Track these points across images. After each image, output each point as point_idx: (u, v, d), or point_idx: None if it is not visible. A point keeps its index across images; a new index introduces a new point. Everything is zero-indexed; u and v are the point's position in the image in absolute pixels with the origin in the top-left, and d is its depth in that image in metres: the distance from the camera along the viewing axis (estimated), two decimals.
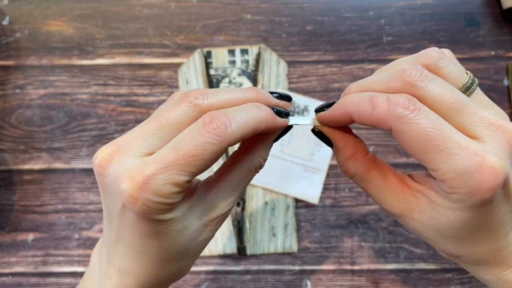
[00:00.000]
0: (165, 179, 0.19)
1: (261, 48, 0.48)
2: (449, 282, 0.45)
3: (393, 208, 0.23)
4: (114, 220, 0.22)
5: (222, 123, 0.20)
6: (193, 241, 0.23)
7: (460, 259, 0.23)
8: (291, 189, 0.46)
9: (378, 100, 0.20)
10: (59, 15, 0.50)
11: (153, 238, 0.21)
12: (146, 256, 0.22)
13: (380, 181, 0.23)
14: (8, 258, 0.46)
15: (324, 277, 0.45)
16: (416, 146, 0.19)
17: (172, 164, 0.19)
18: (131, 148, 0.20)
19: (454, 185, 0.19)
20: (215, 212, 0.23)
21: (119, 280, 0.23)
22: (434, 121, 0.19)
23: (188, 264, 0.25)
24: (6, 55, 0.49)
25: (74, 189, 0.47)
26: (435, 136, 0.18)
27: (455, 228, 0.21)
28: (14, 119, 0.48)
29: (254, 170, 0.24)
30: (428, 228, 0.22)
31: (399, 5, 0.49)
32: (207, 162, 0.20)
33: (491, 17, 0.49)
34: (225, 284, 0.45)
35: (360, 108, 0.21)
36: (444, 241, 0.22)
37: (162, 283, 0.24)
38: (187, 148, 0.19)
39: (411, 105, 0.19)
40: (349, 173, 0.24)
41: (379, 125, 0.20)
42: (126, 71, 0.49)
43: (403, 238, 0.46)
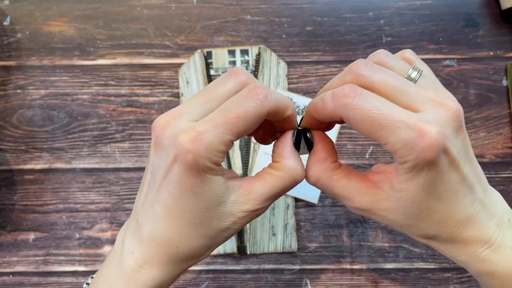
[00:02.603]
0: (214, 135, 0.22)
1: (261, 48, 0.48)
2: (448, 281, 0.45)
3: (360, 204, 0.24)
4: (157, 181, 0.24)
5: (263, 91, 0.23)
6: (219, 221, 0.24)
7: (436, 239, 0.24)
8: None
9: (326, 97, 0.23)
10: (60, 16, 0.50)
11: (191, 198, 0.23)
12: (176, 219, 0.24)
13: (345, 181, 0.25)
14: (9, 258, 0.46)
15: (323, 276, 0.46)
16: (365, 128, 0.21)
17: (220, 124, 0.22)
18: (185, 114, 0.23)
19: (403, 154, 0.21)
20: (246, 206, 0.25)
21: (140, 253, 0.25)
22: (374, 103, 0.21)
23: (206, 247, 0.25)
24: (7, 55, 0.49)
25: (75, 189, 0.47)
26: (377, 116, 0.21)
27: (418, 200, 0.22)
28: (15, 119, 0.48)
29: (290, 175, 0.26)
30: (398, 212, 0.23)
31: (398, 6, 0.50)
32: (249, 124, 0.23)
33: (490, 17, 0.49)
34: (225, 283, 0.46)
35: (316, 108, 0.24)
36: (415, 221, 0.23)
37: (180, 259, 0.25)
38: (233, 110, 0.22)
39: (352, 92, 0.21)
40: (314, 178, 0.26)
41: (333, 118, 0.23)
42: (126, 72, 0.49)
43: (402, 238, 0.46)
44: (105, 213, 0.47)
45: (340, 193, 0.25)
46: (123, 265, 0.25)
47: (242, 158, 0.46)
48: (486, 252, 0.24)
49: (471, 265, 0.24)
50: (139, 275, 0.25)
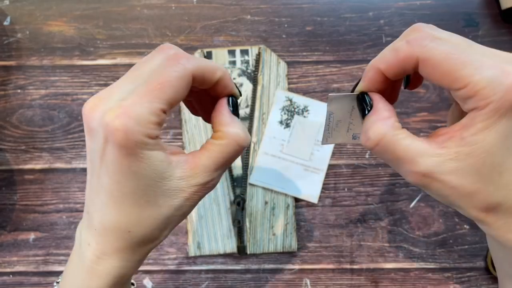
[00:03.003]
0: (142, 106, 0.21)
1: (261, 48, 0.48)
2: (448, 281, 0.45)
3: (425, 166, 0.22)
4: (96, 166, 0.23)
5: (183, 55, 0.23)
6: (167, 198, 0.24)
7: (496, 211, 0.22)
8: (290, 189, 0.46)
9: (398, 44, 0.23)
10: (60, 16, 0.50)
11: (130, 177, 0.22)
12: (121, 203, 0.23)
13: (409, 140, 0.23)
14: (9, 258, 0.46)
15: (323, 276, 0.46)
16: (444, 68, 0.21)
17: (145, 94, 0.22)
18: (114, 94, 0.22)
19: (486, 93, 0.20)
20: (195, 180, 0.24)
21: (96, 244, 0.24)
22: (454, 46, 0.21)
23: (160, 227, 0.24)
24: (7, 55, 0.49)
25: (75, 189, 0.47)
26: (459, 54, 0.20)
27: (493, 153, 0.21)
28: (15, 119, 0.48)
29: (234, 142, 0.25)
30: (466, 174, 0.21)
31: (398, 6, 0.50)
32: (175, 89, 0.22)
33: (490, 17, 0.49)
34: (225, 283, 0.46)
35: (385, 58, 0.23)
36: (483, 183, 0.21)
37: (135, 244, 0.24)
38: (157, 78, 0.22)
39: (429, 35, 0.21)
40: (377, 136, 0.23)
41: (406, 65, 0.22)
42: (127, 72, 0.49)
43: (402, 238, 0.46)
44: None
45: (403, 154, 0.23)
46: (83, 258, 0.25)
47: (242, 158, 0.46)
48: None
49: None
50: (98, 266, 0.24)
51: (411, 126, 0.47)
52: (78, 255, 0.25)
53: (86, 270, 0.25)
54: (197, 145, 0.47)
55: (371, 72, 0.24)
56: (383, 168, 0.47)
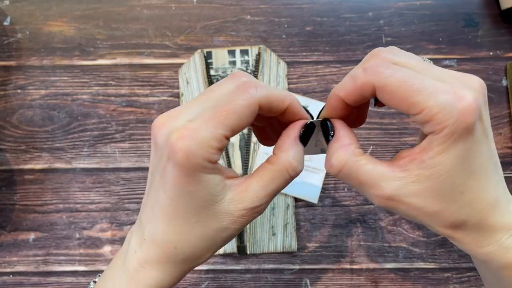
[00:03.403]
0: (206, 131, 0.22)
1: (261, 48, 0.48)
2: (448, 281, 0.45)
3: (388, 190, 0.23)
4: (156, 181, 0.24)
5: (252, 84, 0.23)
6: (216, 221, 0.24)
7: (463, 227, 0.23)
8: (290, 189, 0.46)
9: (356, 72, 0.23)
10: (60, 16, 0.50)
11: (185, 197, 0.23)
12: (172, 220, 0.24)
13: (371, 166, 0.23)
14: (9, 258, 0.46)
15: (323, 276, 0.46)
16: (400, 95, 0.21)
17: (211, 119, 0.22)
18: (181, 114, 0.23)
19: (441, 118, 0.20)
20: (242, 204, 0.24)
21: (142, 253, 0.25)
22: (407, 72, 0.21)
23: (205, 248, 0.25)
24: (7, 55, 0.49)
25: (75, 189, 0.47)
26: (413, 81, 0.21)
27: (452, 175, 0.21)
28: (15, 119, 0.48)
29: (285, 169, 0.25)
30: (428, 195, 0.22)
31: (398, 6, 0.50)
32: (240, 117, 0.23)
33: (489, 17, 0.49)
34: (225, 283, 0.46)
35: (344, 86, 0.24)
36: (446, 203, 0.22)
37: (179, 261, 0.25)
38: (223, 105, 0.23)
39: (385, 63, 0.22)
40: (340, 163, 0.24)
41: (364, 92, 0.23)
42: (127, 72, 0.49)
43: (402, 238, 0.46)
44: (105, 213, 0.47)
45: (365, 179, 0.23)
46: (127, 264, 0.26)
47: (242, 158, 0.46)
48: (510, 240, 0.23)
49: (494, 256, 0.23)
50: (140, 275, 0.25)
51: (411, 126, 0.48)
52: (123, 259, 0.26)
53: (127, 276, 0.25)
54: None
55: (332, 99, 0.25)
56: None
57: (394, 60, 0.22)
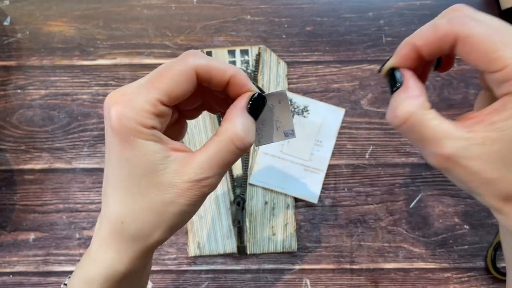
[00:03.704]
0: (139, 95, 0.22)
1: (261, 48, 0.48)
2: (448, 281, 0.45)
3: (451, 148, 0.21)
4: (106, 157, 0.24)
5: (192, 53, 0.24)
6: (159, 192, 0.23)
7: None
8: (290, 189, 0.46)
9: (438, 22, 0.22)
10: (60, 16, 0.50)
11: (124, 164, 0.23)
12: (116, 190, 0.24)
13: (437, 121, 0.22)
14: (9, 258, 0.46)
15: (323, 276, 0.46)
16: (483, 48, 0.20)
17: (145, 85, 0.23)
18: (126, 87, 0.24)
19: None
20: (187, 176, 0.24)
21: (100, 232, 0.25)
22: (494, 25, 0.21)
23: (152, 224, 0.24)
24: (7, 55, 0.49)
25: (75, 189, 0.47)
26: (499, 36, 0.20)
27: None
28: (15, 119, 0.48)
29: (229, 139, 0.24)
30: (490, 160, 0.21)
31: (398, 6, 0.50)
32: (174, 81, 0.23)
33: None
34: (225, 283, 0.46)
35: (423, 34, 0.22)
36: (507, 170, 0.21)
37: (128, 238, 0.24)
38: (159, 72, 0.23)
39: (470, 15, 0.21)
40: (406, 114, 0.23)
41: (444, 43, 0.22)
42: (127, 72, 0.49)
43: (402, 238, 0.46)
44: None
45: (429, 135, 0.22)
46: (91, 245, 0.26)
47: (242, 158, 0.46)
48: None
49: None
50: (98, 255, 0.25)
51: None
52: (91, 243, 0.26)
53: (89, 256, 0.26)
54: (197, 145, 0.47)
55: (406, 48, 0.23)
56: (383, 168, 0.47)
57: (477, 16, 0.22)
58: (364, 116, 0.48)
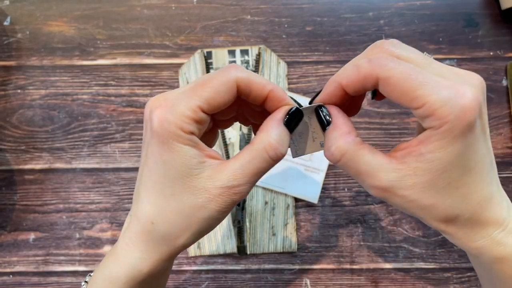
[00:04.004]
0: (181, 101, 0.23)
1: (261, 48, 0.48)
2: (448, 281, 0.45)
3: (385, 181, 0.23)
4: (142, 158, 0.25)
5: (233, 67, 0.24)
6: (191, 196, 0.24)
7: (456, 222, 0.23)
8: (291, 189, 0.46)
9: (360, 62, 0.23)
10: (60, 16, 0.50)
11: (160, 166, 0.24)
12: (150, 191, 0.25)
13: (370, 156, 0.23)
14: (9, 258, 0.46)
15: (323, 276, 0.46)
16: (403, 88, 0.21)
17: (187, 92, 0.24)
18: (168, 93, 0.25)
19: (441, 114, 0.20)
20: (220, 182, 0.24)
21: (128, 231, 0.26)
22: (412, 66, 0.21)
23: (181, 226, 0.25)
24: (7, 55, 0.49)
25: (75, 189, 0.47)
26: (417, 75, 0.21)
27: (448, 170, 0.22)
28: (15, 119, 0.48)
29: (263, 149, 0.24)
30: (423, 189, 0.22)
31: (398, 6, 0.50)
32: (216, 90, 0.24)
33: (490, 17, 0.49)
34: (225, 283, 0.46)
35: (346, 74, 0.24)
36: (440, 197, 0.22)
37: (157, 238, 0.25)
38: (201, 80, 0.24)
39: (389, 56, 0.22)
40: (340, 152, 0.24)
41: (366, 82, 0.23)
42: (127, 72, 0.49)
43: (402, 238, 0.46)
44: (105, 213, 0.47)
45: (364, 169, 0.23)
46: (117, 244, 0.26)
47: None
48: (501, 235, 0.23)
49: (486, 251, 0.24)
50: (123, 253, 0.25)
51: (411, 126, 0.47)
52: (118, 240, 0.27)
53: (115, 255, 0.26)
54: None
55: (332, 86, 0.25)
56: None
57: (396, 53, 0.23)
58: (364, 116, 0.48)
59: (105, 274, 0.26)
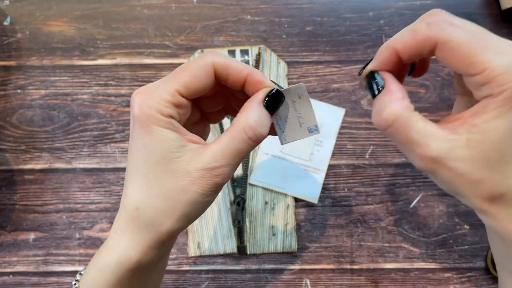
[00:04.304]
0: (160, 86, 0.24)
1: (261, 48, 0.48)
2: (448, 281, 0.45)
3: (436, 150, 0.22)
4: (129, 149, 0.26)
5: (211, 52, 0.25)
6: (173, 179, 0.24)
7: (502, 200, 0.22)
8: (291, 189, 0.46)
9: (417, 26, 0.22)
10: (60, 16, 0.50)
11: (141, 150, 0.24)
12: (133, 176, 0.25)
13: (423, 124, 0.22)
14: (9, 258, 0.46)
15: (323, 276, 0.46)
16: (463, 52, 0.20)
17: (166, 78, 0.25)
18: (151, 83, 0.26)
19: (502, 80, 0.20)
20: (200, 164, 0.24)
21: (117, 221, 0.26)
22: (471, 29, 0.21)
23: (166, 211, 0.25)
24: (7, 55, 0.49)
25: (75, 189, 0.47)
26: (478, 39, 0.20)
27: (503, 142, 0.21)
28: (15, 119, 0.48)
29: (242, 129, 0.25)
30: (474, 161, 0.21)
31: (399, 6, 0.50)
32: (193, 75, 0.24)
33: (490, 17, 0.49)
34: (225, 283, 0.46)
35: (403, 39, 0.23)
36: (491, 172, 0.21)
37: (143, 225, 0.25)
38: (180, 68, 0.25)
39: (449, 19, 0.22)
40: (392, 117, 0.23)
41: (423, 47, 0.22)
42: (126, 72, 0.49)
43: (402, 238, 0.46)
44: (105, 213, 0.47)
45: (416, 137, 0.22)
46: (109, 234, 0.27)
47: None
48: None
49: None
50: (113, 242, 0.26)
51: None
52: (113, 225, 0.27)
53: (105, 244, 0.26)
54: None
55: (386, 51, 0.24)
56: (383, 168, 0.47)
57: (453, 22, 0.22)
58: (364, 116, 0.48)
59: (96, 262, 0.26)
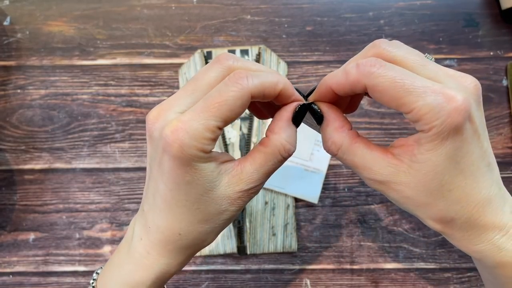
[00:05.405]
0: (198, 123, 0.22)
1: (261, 48, 0.48)
2: (448, 281, 0.45)
3: (380, 174, 0.24)
4: (153, 172, 0.25)
5: (244, 75, 0.23)
6: (216, 205, 0.25)
7: (452, 224, 0.23)
8: (291, 189, 0.46)
9: (349, 67, 0.23)
10: (60, 16, 0.50)
11: (184, 187, 0.24)
12: (174, 208, 0.25)
13: (365, 150, 0.24)
14: (9, 258, 0.46)
15: (323, 276, 0.46)
16: (390, 95, 0.22)
17: (203, 111, 0.23)
18: (174, 106, 0.24)
19: (429, 119, 0.21)
20: (239, 186, 0.25)
21: (147, 240, 0.26)
22: (399, 71, 0.22)
23: (207, 232, 0.26)
24: (7, 55, 0.49)
25: (75, 189, 0.47)
26: (403, 82, 0.21)
27: (439, 172, 0.22)
28: (15, 119, 0.48)
29: (277, 151, 0.25)
30: (417, 188, 0.23)
31: (399, 6, 0.50)
32: (232, 108, 0.23)
33: (490, 17, 0.49)
34: (225, 283, 0.46)
35: (336, 79, 0.24)
36: (434, 198, 0.23)
37: (183, 246, 0.26)
38: (215, 96, 0.23)
39: (377, 63, 0.22)
40: (335, 145, 0.25)
41: (355, 88, 0.23)
42: (126, 72, 0.49)
43: (402, 238, 0.46)
44: (105, 213, 0.47)
45: (360, 162, 0.24)
46: (133, 251, 0.27)
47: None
48: (502, 240, 0.23)
49: (486, 255, 0.23)
50: (146, 261, 0.26)
51: (411, 126, 0.47)
52: (129, 246, 0.27)
53: (134, 262, 0.26)
54: None
55: (323, 88, 0.25)
56: None
57: (392, 53, 0.23)
58: (364, 116, 0.48)
59: (124, 280, 0.27)
